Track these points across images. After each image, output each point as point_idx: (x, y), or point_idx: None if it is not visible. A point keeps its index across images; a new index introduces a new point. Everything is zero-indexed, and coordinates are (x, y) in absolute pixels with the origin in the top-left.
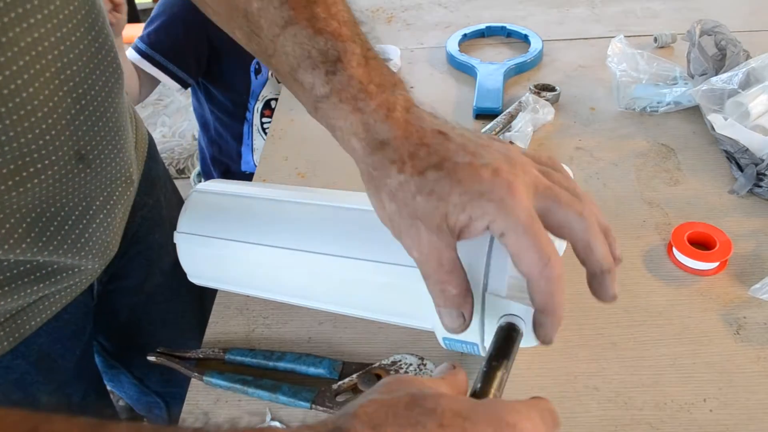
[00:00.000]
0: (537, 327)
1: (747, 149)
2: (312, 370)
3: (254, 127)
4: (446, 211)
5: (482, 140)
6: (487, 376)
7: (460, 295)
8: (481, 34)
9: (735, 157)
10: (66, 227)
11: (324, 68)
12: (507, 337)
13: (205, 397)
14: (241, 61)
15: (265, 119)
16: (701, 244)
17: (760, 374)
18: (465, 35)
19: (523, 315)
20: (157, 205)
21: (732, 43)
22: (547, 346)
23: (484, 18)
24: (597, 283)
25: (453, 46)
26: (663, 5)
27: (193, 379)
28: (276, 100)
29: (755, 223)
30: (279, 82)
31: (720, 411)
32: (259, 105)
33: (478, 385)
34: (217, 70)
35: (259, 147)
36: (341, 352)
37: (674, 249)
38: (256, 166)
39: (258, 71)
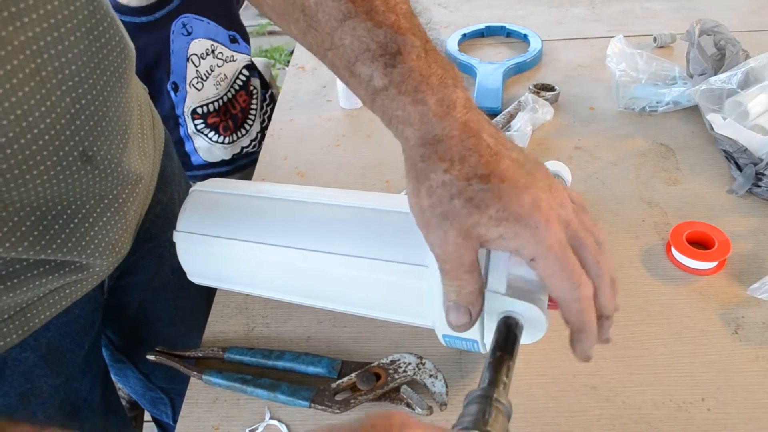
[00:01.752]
0: (575, 345)
1: (746, 149)
2: (311, 369)
3: (190, 131)
4: (479, 221)
5: (531, 164)
6: (496, 366)
7: (473, 294)
8: (481, 33)
9: (734, 156)
10: (71, 226)
11: (383, 61)
12: (509, 331)
13: (204, 396)
14: (160, 82)
15: (197, 121)
16: (700, 244)
17: (758, 374)
18: (464, 35)
19: (522, 312)
20: (171, 203)
21: (731, 43)
22: (577, 357)
23: (483, 18)
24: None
25: (453, 46)
26: (662, 5)
27: (192, 378)
28: (201, 107)
29: (754, 222)
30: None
31: (718, 410)
32: (187, 111)
33: (488, 375)
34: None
35: (201, 146)
36: (340, 351)
37: (673, 248)
38: (204, 161)
39: (176, 89)
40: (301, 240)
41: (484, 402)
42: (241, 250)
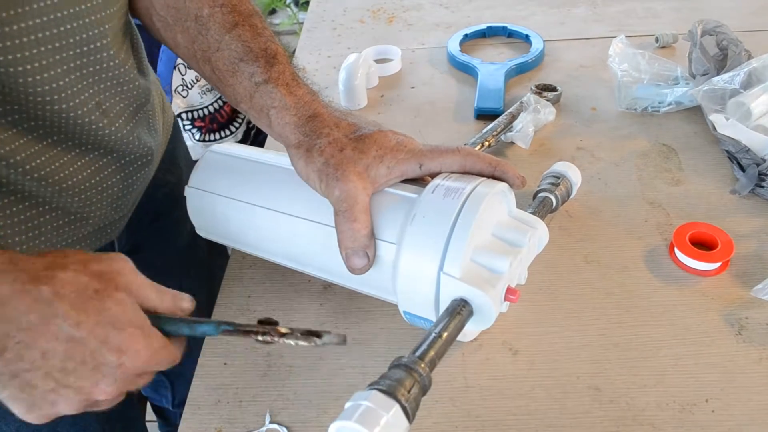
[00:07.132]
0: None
1: (748, 149)
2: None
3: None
4: (368, 163)
5: (369, 122)
6: (431, 342)
7: (367, 237)
8: (483, 34)
9: (736, 157)
10: (78, 164)
11: (264, 60)
12: (453, 313)
13: (207, 399)
14: None
15: (185, 122)
16: (703, 245)
17: (761, 375)
18: (466, 35)
19: (473, 298)
20: (178, 184)
21: (733, 43)
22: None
23: (485, 18)
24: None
25: (454, 46)
26: (664, 5)
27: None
28: (187, 113)
29: (757, 223)
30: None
31: (722, 412)
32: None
33: (420, 348)
34: None
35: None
36: None
37: (676, 249)
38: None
39: None
40: (302, 210)
41: (406, 371)
42: (244, 212)
